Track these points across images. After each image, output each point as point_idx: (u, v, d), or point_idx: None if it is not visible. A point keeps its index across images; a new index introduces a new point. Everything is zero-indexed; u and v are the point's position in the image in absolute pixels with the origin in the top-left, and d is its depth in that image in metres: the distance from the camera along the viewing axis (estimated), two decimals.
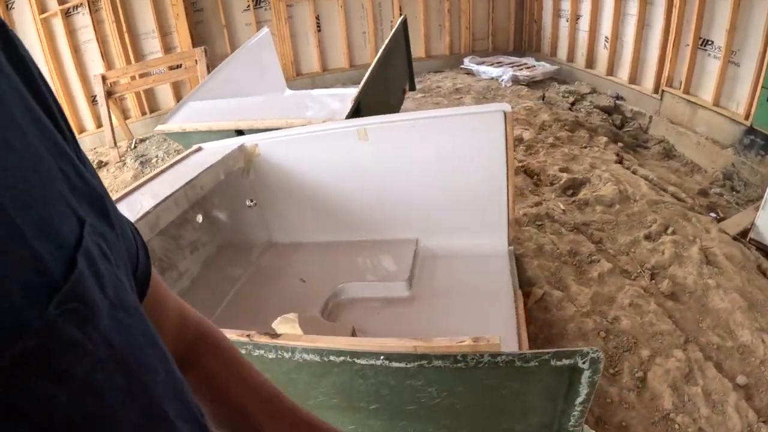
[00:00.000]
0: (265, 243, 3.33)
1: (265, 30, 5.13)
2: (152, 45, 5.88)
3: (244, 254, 3.27)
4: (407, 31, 4.37)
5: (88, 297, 0.32)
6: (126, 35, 5.67)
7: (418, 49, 6.47)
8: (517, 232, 2.98)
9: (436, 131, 2.59)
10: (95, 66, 5.69)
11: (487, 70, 5.57)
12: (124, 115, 6.18)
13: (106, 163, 5.78)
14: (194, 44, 5.93)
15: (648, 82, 4.23)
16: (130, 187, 2.96)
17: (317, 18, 6.37)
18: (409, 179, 2.81)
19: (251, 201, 3.26)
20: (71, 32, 5.48)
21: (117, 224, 0.41)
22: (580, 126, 4.17)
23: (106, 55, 5.69)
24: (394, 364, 1.17)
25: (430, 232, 2.88)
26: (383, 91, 3.94)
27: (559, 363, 1.04)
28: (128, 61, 5.76)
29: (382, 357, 1.17)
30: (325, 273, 2.84)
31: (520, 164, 3.76)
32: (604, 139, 3.91)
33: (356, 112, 3.40)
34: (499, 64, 5.65)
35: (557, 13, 5.30)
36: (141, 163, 5.40)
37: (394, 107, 4.41)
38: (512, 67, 5.48)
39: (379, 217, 2.97)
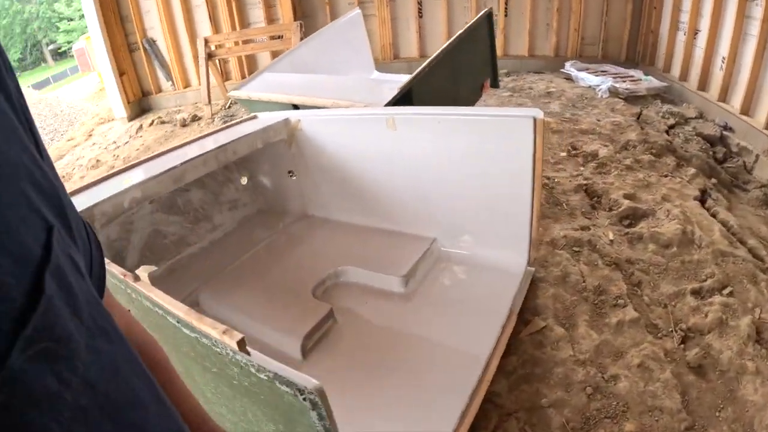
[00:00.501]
0: (300, 213, 3.43)
1: (357, 10, 5.13)
2: (257, 15, 6.18)
3: (279, 221, 3.41)
4: (492, 24, 4.10)
5: (61, 330, 0.26)
6: (233, 3, 5.99)
7: (521, 47, 6.11)
8: (548, 254, 2.70)
9: (461, 130, 2.43)
10: (204, 28, 6.12)
11: (586, 78, 5.07)
12: (225, 77, 6.58)
13: (200, 118, 6.22)
14: (296, 18, 6.13)
15: (761, 115, 3.55)
16: (180, 143, 3.16)
17: (420, 4, 6.26)
18: (433, 176, 2.71)
19: (292, 172, 3.34)
20: None
21: (74, 225, 0.35)
22: (669, 152, 3.64)
23: (214, 20, 6.08)
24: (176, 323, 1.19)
25: (449, 234, 2.76)
26: (448, 84, 3.74)
27: (282, 388, 0.95)
28: (233, 28, 6.12)
29: (172, 317, 1.19)
30: (337, 252, 2.86)
31: (585, 182, 3.38)
32: (692, 170, 3.37)
33: (408, 102, 3.25)
34: (603, 73, 5.11)
35: (675, 26, 4.64)
36: (224, 122, 5.71)
37: (464, 102, 4.17)
38: (615, 77, 4.93)
39: (402, 209, 2.90)
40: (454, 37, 3.70)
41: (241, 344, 1.02)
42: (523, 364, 1.97)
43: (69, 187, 4.61)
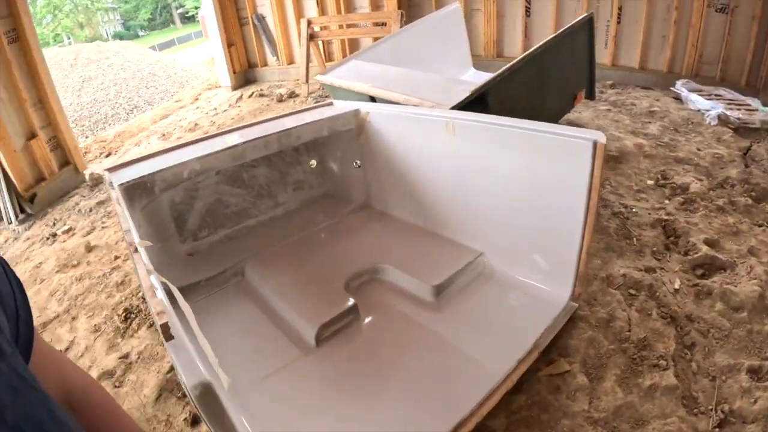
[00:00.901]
0: (362, 203, 3.45)
1: (456, 5, 4.97)
2: (363, 0, 6.17)
3: (340, 207, 3.44)
4: (592, 30, 3.76)
5: None
6: None
7: (631, 58, 5.58)
8: (599, 291, 2.48)
9: (517, 144, 2.31)
10: (311, 9, 6.26)
11: (696, 100, 4.50)
12: (328, 57, 6.71)
13: (297, 96, 6.42)
14: (401, 6, 6.06)
15: None
16: (252, 121, 3.28)
17: (528, 2, 5.90)
18: (486, 187, 2.57)
19: (358, 162, 3.35)
20: None
21: None
22: None
23: (320, 2, 6.17)
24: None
25: (496, 251, 2.63)
26: (533, 90, 3.50)
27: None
28: (338, 11, 6.19)
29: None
30: (384, 248, 2.84)
31: (666, 218, 3.04)
32: None
33: (482, 106, 3.08)
34: (717, 98, 4.50)
35: None
36: (316, 101, 5.84)
37: (551, 112, 3.89)
38: (728, 104, 4.32)
39: (455, 216, 2.81)
40: (544, 41, 3.43)
41: (165, 328, 1.06)
42: (530, 406, 1.82)
43: (161, 145, 4.93)
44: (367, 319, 2.41)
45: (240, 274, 2.82)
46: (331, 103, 3.46)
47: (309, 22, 5.76)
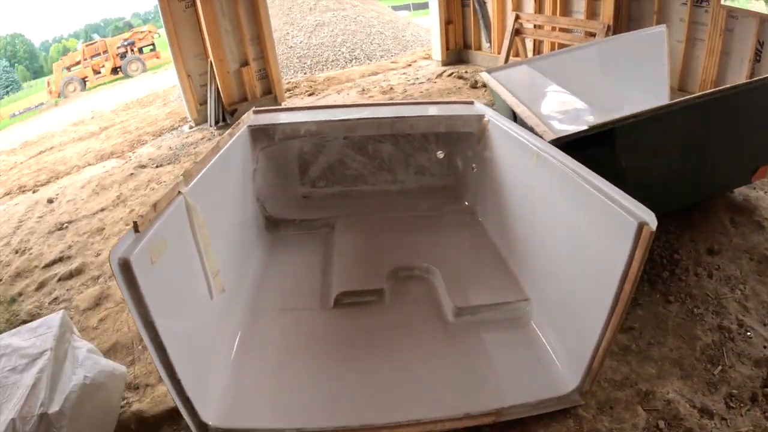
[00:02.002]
0: (466, 207, 3.20)
1: (662, 27, 3.93)
2: (580, 5, 5.32)
3: (448, 203, 3.28)
4: None
5: None
6: None
7: None
8: (624, 402, 1.89)
9: (574, 196, 1.85)
10: (528, 4, 5.65)
11: None
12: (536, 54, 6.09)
13: (476, 82, 5.99)
14: (618, 19, 5.06)
15: None
16: (386, 101, 3.25)
17: (760, 44, 4.31)
18: (547, 234, 2.19)
19: (474, 167, 3.11)
20: None
21: None
22: None
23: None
24: None
25: (540, 303, 2.24)
26: (686, 146, 2.56)
27: None
28: (554, 12, 5.48)
29: None
30: (451, 254, 2.68)
31: None
32: None
33: (608, 149, 2.43)
34: None
35: None
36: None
37: (710, 179, 2.82)
38: None
39: (525, 254, 2.46)
40: (721, 87, 2.48)
41: (134, 223, 1.37)
42: None
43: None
44: (389, 308, 2.33)
45: (330, 227, 2.94)
46: (472, 102, 3.20)
47: (517, 17, 5.24)
